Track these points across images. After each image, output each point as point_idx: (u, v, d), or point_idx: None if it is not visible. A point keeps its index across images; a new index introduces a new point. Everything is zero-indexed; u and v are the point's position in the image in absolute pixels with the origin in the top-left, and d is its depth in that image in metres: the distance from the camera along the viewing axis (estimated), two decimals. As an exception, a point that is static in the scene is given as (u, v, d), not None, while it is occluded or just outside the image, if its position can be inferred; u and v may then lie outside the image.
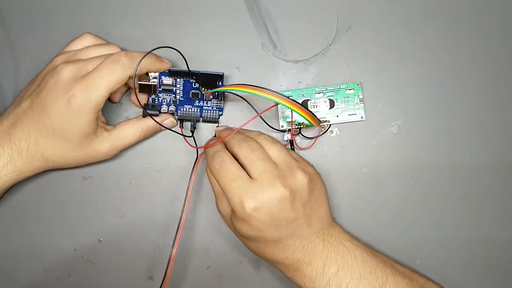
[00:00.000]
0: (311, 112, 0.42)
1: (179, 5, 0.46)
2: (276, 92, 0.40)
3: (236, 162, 0.39)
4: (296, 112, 0.41)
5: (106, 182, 0.46)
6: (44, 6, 0.46)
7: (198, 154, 0.44)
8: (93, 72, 0.40)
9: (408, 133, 0.46)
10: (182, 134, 0.45)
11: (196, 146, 0.44)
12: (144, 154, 0.46)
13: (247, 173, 0.39)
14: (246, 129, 0.44)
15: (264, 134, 0.42)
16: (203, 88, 0.44)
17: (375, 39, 0.46)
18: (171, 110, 0.45)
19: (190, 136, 0.45)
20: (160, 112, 0.45)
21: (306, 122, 0.43)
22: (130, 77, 0.41)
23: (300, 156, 0.43)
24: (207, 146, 0.42)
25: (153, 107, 0.45)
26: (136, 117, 0.45)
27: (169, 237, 0.45)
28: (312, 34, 0.46)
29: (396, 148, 0.46)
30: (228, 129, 0.44)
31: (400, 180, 0.46)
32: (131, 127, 0.44)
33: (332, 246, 0.40)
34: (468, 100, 0.46)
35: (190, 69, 0.43)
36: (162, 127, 0.45)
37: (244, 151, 0.40)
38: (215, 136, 0.45)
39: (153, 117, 0.44)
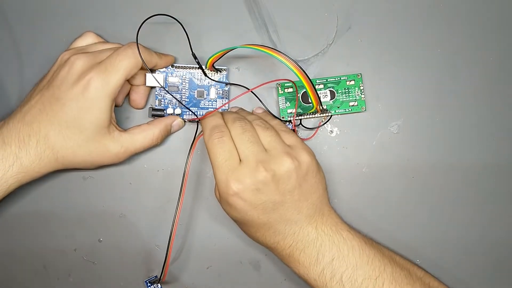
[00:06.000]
0: (316, 92, 0.42)
1: (179, 6, 0.46)
2: (292, 60, 0.39)
3: (233, 142, 0.39)
4: (303, 84, 0.41)
5: (106, 182, 0.46)
6: (48, 6, 0.46)
7: (198, 126, 0.45)
8: (109, 58, 0.40)
9: (408, 133, 0.46)
10: (184, 106, 0.45)
11: (197, 117, 0.45)
12: (144, 154, 0.46)
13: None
14: (249, 112, 0.44)
15: (261, 119, 0.42)
16: (209, 60, 0.43)
17: (375, 39, 0.46)
18: (177, 112, 0.45)
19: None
20: (166, 113, 0.45)
21: (309, 101, 0.42)
22: (142, 68, 0.42)
23: (300, 142, 0.41)
24: (206, 115, 0.42)
25: (160, 109, 0.45)
26: (147, 122, 0.44)
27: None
28: (312, 34, 0.46)
29: (396, 148, 0.46)
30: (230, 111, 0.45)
31: (400, 180, 0.46)
32: (143, 131, 0.43)
33: (326, 235, 0.40)
34: (467, 100, 0.46)
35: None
36: (172, 131, 0.45)
37: (236, 130, 0.39)
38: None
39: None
